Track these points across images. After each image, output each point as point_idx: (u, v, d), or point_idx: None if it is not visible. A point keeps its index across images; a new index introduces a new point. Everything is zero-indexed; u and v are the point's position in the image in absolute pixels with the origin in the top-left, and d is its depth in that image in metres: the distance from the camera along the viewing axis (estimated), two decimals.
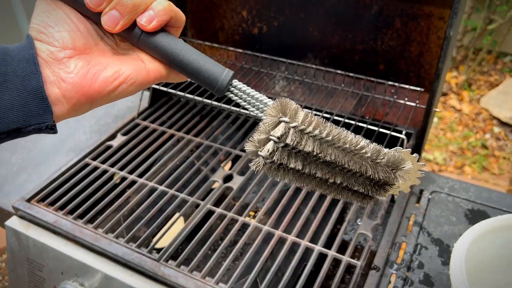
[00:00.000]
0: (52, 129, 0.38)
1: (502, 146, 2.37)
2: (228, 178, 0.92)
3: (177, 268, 0.75)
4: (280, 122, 0.38)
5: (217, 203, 0.87)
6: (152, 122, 1.08)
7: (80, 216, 0.85)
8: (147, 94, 1.14)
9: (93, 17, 0.39)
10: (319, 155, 0.38)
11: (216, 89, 0.42)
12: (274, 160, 0.38)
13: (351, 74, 1.06)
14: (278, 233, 0.80)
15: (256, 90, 0.43)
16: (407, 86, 1.00)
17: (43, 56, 0.37)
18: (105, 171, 0.94)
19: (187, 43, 1.34)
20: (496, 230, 0.69)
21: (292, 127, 0.37)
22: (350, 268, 0.81)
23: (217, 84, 0.42)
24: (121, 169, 0.95)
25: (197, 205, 0.87)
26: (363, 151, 0.39)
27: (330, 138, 0.38)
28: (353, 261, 0.75)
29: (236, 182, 0.91)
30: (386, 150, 0.41)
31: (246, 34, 1.18)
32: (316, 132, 0.38)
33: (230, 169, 0.94)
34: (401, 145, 0.88)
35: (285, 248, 0.77)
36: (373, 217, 0.84)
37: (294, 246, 0.79)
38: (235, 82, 0.43)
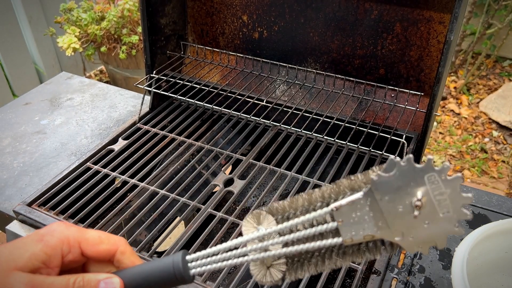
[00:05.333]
0: None
1: (501, 150, 2.38)
2: (229, 182, 0.92)
3: None
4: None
5: (218, 207, 0.88)
6: (153, 126, 1.08)
7: (81, 221, 0.85)
8: (148, 98, 1.14)
9: None
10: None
11: (179, 281, 0.39)
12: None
13: (351, 79, 1.06)
14: None
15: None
16: (407, 91, 1.01)
17: None
18: (106, 175, 0.94)
19: (188, 48, 1.35)
20: (497, 234, 0.69)
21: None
22: (350, 272, 0.81)
23: (175, 276, 0.39)
24: (122, 173, 0.95)
25: (198, 209, 0.87)
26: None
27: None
28: (354, 265, 0.75)
29: (237, 186, 0.91)
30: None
31: (246, 38, 1.18)
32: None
33: (231, 173, 0.95)
34: (402, 149, 0.88)
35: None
36: None
37: None
38: (190, 256, 0.40)
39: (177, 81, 1.12)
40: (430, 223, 0.34)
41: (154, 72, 1.13)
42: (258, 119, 1.00)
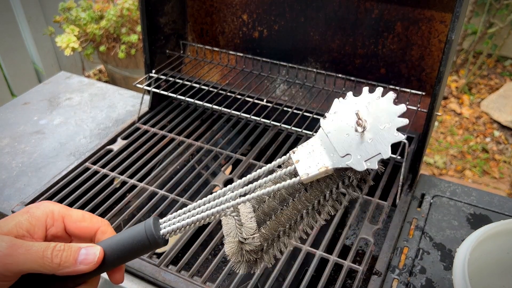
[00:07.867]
0: None
1: (502, 150, 2.37)
2: (228, 182, 0.92)
3: (178, 273, 0.74)
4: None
5: None
6: (153, 126, 1.08)
7: None
8: (147, 98, 1.13)
9: None
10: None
11: (152, 243, 0.40)
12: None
13: (352, 78, 1.05)
14: None
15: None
16: (408, 90, 1.00)
17: None
18: (105, 176, 0.94)
19: (188, 47, 1.34)
20: (499, 235, 0.68)
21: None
22: (351, 273, 0.80)
23: (148, 238, 0.40)
24: (121, 173, 0.94)
25: None
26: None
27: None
28: (355, 266, 0.75)
29: None
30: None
31: (246, 38, 1.18)
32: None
33: (230, 173, 0.94)
34: (403, 149, 0.87)
35: (286, 253, 0.77)
36: (374, 221, 0.83)
37: (295, 251, 0.79)
38: (163, 219, 0.41)
39: (177, 80, 1.12)
40: (373, 138, 0.39)
41: (154, 71, 1.12)
42: (258, 118, 1.00)
